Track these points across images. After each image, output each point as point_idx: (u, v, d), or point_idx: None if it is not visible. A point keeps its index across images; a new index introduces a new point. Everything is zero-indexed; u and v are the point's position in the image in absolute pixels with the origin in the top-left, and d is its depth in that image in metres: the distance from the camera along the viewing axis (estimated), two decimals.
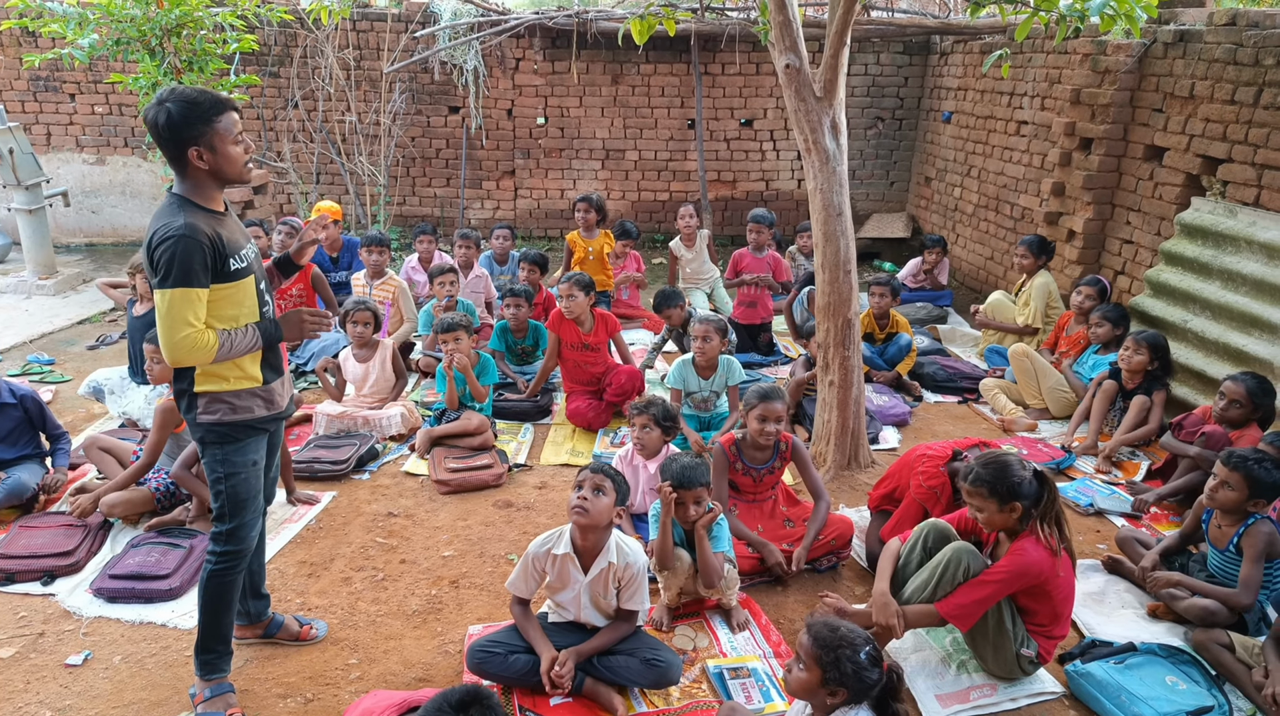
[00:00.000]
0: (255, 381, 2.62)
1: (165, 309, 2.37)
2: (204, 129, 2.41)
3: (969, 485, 2.76)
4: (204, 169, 2.46)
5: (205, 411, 2.57)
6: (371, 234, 5.97)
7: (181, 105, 2.38)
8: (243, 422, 2.61)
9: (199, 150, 2.42)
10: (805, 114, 4.04)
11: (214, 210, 2.52)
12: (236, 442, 2.62)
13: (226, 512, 2.66)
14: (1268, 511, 3.18)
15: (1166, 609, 3.22)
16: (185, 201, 2.47)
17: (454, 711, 1.97)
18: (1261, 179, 4.65)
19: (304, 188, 8.90)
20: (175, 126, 2.39)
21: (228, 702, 2.69)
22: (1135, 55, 5.51)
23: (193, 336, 2.39)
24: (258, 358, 2.63)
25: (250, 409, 2.62)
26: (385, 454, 4.54)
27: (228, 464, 2.62)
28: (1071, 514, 3.99)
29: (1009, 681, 2.87)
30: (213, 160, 2.45)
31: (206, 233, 2.41)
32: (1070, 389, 5.03)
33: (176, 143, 2.41)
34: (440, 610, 3.26)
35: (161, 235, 2.38)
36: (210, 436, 2.59)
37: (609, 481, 2.78)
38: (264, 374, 2.65)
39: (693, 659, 3.01)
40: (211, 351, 2.44)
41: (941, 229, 8.36)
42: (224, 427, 2.58)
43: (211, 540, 2.70)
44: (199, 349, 2.41)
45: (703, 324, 4.61)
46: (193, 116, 2.39)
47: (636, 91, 8.84)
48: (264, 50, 8.42)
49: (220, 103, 2.45)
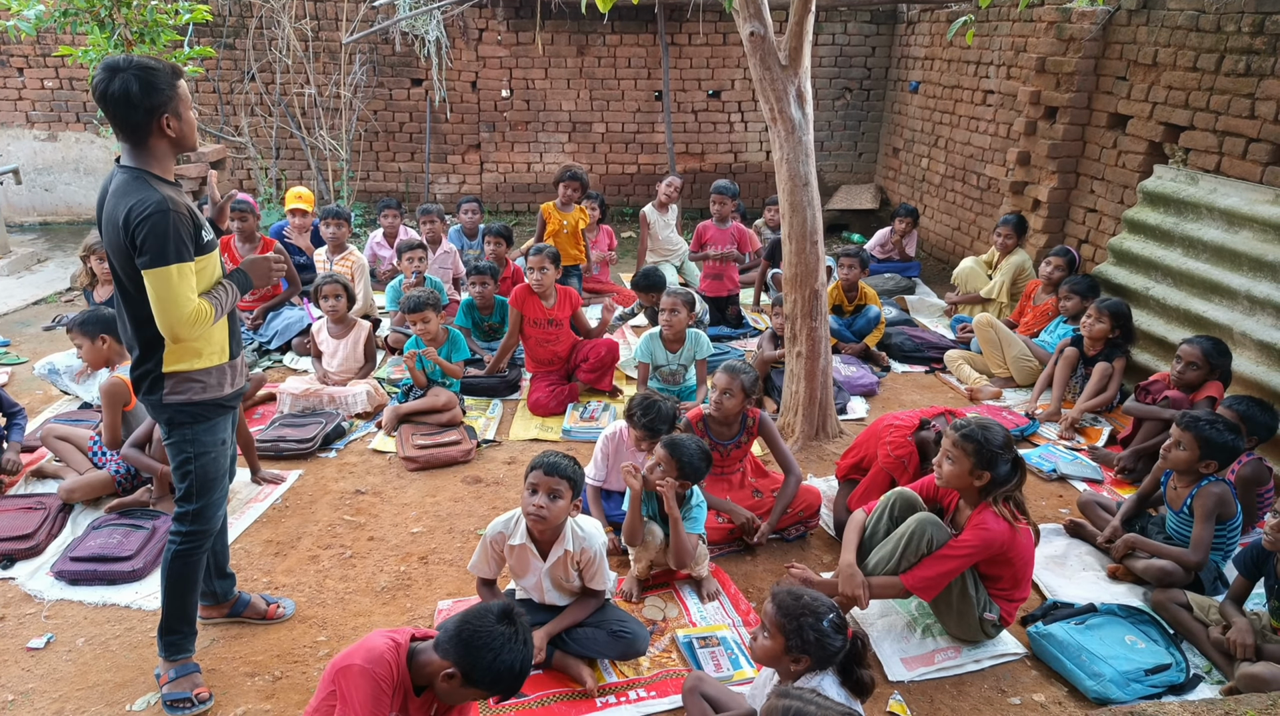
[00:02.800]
0: (225, 356, 2.58)
1: (166, 287, 2.30)
2: (170, 94, 2.35)
3: (958, 436, 2.77)
4: (170, 137, 2.38)
5: (174, 391, 2.50)
6: (330, 207, 5.89)
7: (145, 71, 2.30)
8: (213, 401, 2.56)
9: (168, 117, 2.35)
10: (770, 83, 4.01)
11: (171, 181, 2.45)
12: (207, 421, 2.57)
13: (194, 492, 2.61)
14: (1225, 474, 3.25)
15: (1126, 570, 3.30)
16: (148, 173, 2.38)
17: (497, 621, 2.05)
18: (1222, 146, 4.70)
19: (264, 163, 8.71)
20: (146, 92, 2.29)
21: (194, 682, 2.66)
22: (1100, 23, 5.53)
23: (195, 309, 2.35)
24: (226, 330, 2.58)
25: (220, 385, 2.57)
26: (352, 431, 4.49)
27: (198, 443, 2.56)
28: (1034, 479, 4.06)
29: (972, 644, 2.92)
30: (179, 127, 2.39)
31: (182, 204, 2.36)
32: (1034, 357, 5.10)
33: (148, 110, 2.31)
34: (409, 586, 3.25)
35: (142, 212, 2.27)
36: (181, 416, 2.52)
37: (564, 482, 2.64)
38: (231, 347, 2.61)
39: (662, 629, 3.03)
40: (211, 316, 2.41)
41: (909, 199, 8.39)
42: (195, 407, 2.52)
43: (175, 520, 2.65)
44: (203, 319, 2.38)
45: (670, 297, 4.59)
46: (159, 82, 2.32)
47: (603, 63, 8.72)
48: (218, 21, 8.18)
49: (176, 68, 2.40)
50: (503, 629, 2.04)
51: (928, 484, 3.06)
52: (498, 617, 2.06)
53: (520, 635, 2.06)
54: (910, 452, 3.46)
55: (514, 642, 2.04)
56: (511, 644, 2.03)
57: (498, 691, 2.09)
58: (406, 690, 2.09)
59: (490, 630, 2.03)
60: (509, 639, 2.03)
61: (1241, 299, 4.33)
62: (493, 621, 2.05)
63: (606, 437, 3.64)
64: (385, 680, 2.01)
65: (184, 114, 2.40)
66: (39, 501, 3.62)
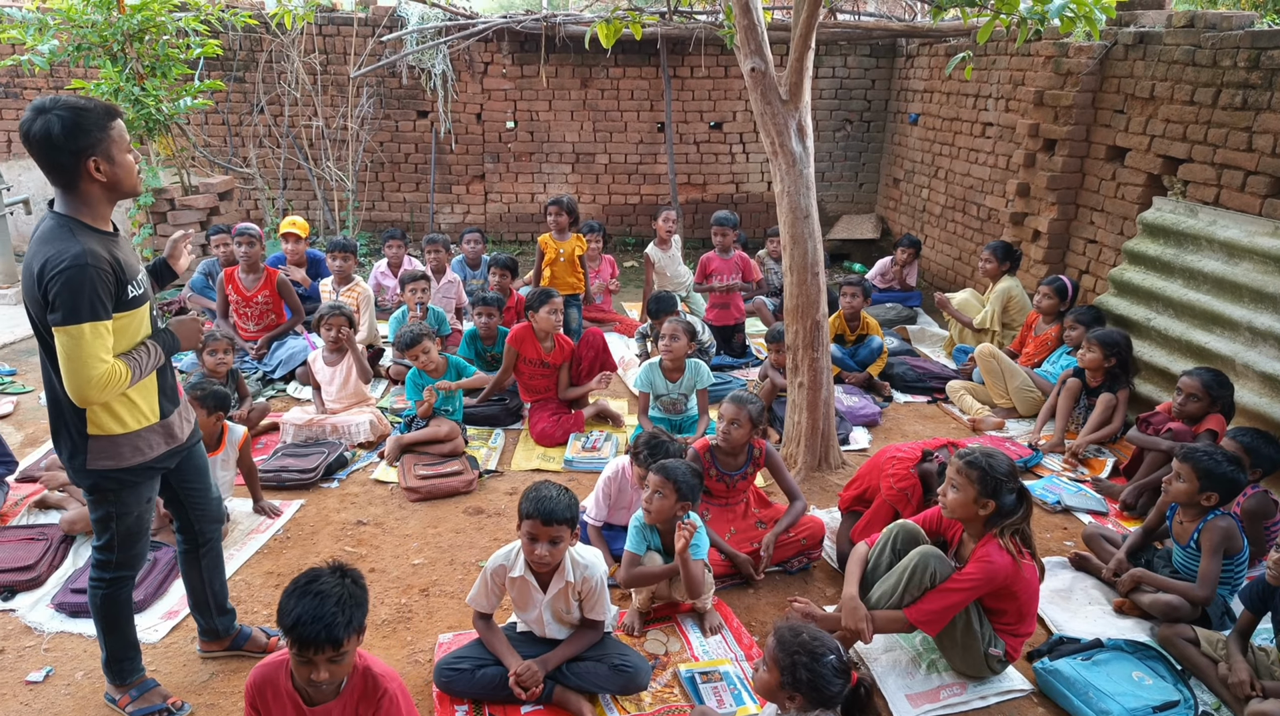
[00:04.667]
0: (154, 417, 2.43)
1: (75, 347, 2.14)
2: (100, 136, 2.19)
3: (963, 464, 2.76)
4: (101, 182, 2.23)
5: (98, 457, 2.34)
6: (336, 240, 5.92)
7: (72, 112, 2.15)
8: (141, 466, 2.40)
9: (97, 160, 2.19)
10: (771, 117, 4.06)
11: (107, 232, 2.29)
12: (132, 486, 2.43)
13: (115, 546, 2.49)
14: (1231, 507, 3.24)
15: (1133, 605, 3.26)
16: (75, 222, 2.21)
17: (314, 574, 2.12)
18: (1221, 178, 4.74)
19: (270, 193, 8.80)
20: (70, 134, 2.14)
21: (161, 695, 2.66)
22: (1096, 57, 5.60)
23: (106, 372, 2.19)
24: (154, 389, 2.43)
25: (149, 447, 2.42)
26: (354, 462, 4.49)
27: (121, 505, 2.44)
28: (1038, 511, 4.04)
29: (978, 680, 2.89)
30: (110, 171, 2.23)
31: (105, 257, 2.19)
32: (1036, 388, 5.10)
33: (72, 153, 2.16)
34: (410, 619, 3.23)
35: (57, 265, 2.12)
36: (105, 482, 2.38)
37: (565, 528, 2.61)
38: (162, 406, 2.46)
39: (664, 663, 3.00)
40: (125, 380, 2.25)
41: (909, 229, 8.44)
42: (121, 473, 2.38)
43: (97, 567, 2.54)
44: (115, 382, 2.22)
45: (671, 323, 4.61)
46: (86, 123, 2.16)
47: (606, 95, 8.83)
48: (229, 55, 8.32)
49: (110, 109, 2.25)
50: (305, 578, 2.10)
51: (931, 516, 3.05)
52: (311, 571, 2.13)
53: (323, 579, 2.08)
54: (913, 485, 3.45)
55: (300, 588, 2.06)
56: (297, 587, 2.07)
57: (294, 640, 2.04)
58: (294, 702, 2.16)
59: (297, 578, 2.11)
60: (297, 585, 2.08)
61: (1243, 330, 4.34)
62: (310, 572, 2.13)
63: (608, 478, 3.62)
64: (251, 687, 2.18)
65: (117, 157, 2.24)
66: (40, 532, 3.62)
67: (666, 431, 3.58)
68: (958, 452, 2.86)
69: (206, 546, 2.84)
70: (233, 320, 5.77)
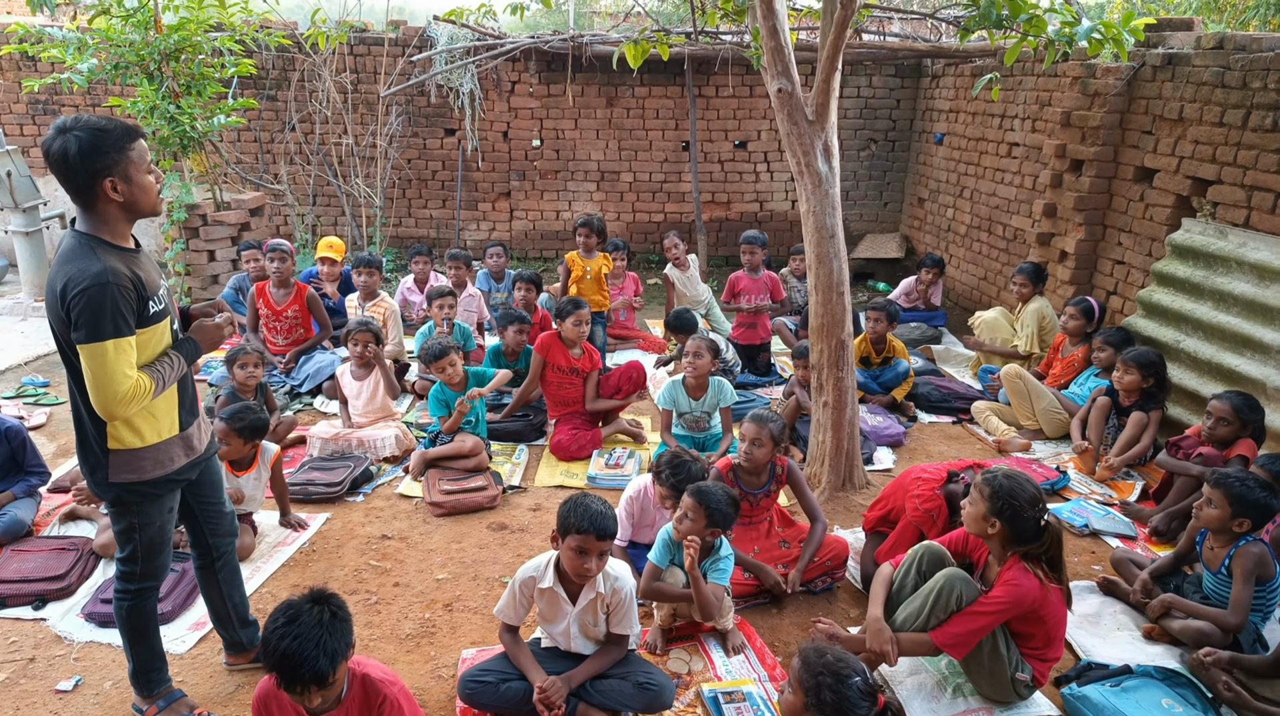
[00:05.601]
0: (174, 429, 2.47)
1: (99, 365, 2.18)
2: (117, 157, 2.22)
3: (982, 479, 2.77)
4: (118, 201, 2.26)
5: (120, 471, 2.38)
6: (362, 256, 6.00)
7: (91, 133, 2.19)
8: (163, 478, 2.44)
9: (114, 181, 2.23)
10: (798, 138, 4.08)
11: (128, 249, 2.33)
12: (155, 498, 2.47)
13: (138, 558, 2.54)
14: (1260, 533, 3.18)
15: (1162, 631, 3.22)
16: (96, 240, 2.25)
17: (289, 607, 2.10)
18: (1251, 200, 4.69)
19: (300, 210, 8.94)
20: (87, 155, 2.18)
21: (189, 705, 2.69)
22: (1124, 78, 5.57)
23: (132, 387, 2.23)
24: (174, 402, 2.47)
25: (170, 460, 2.46)
26: (379, 476, 4.53)
27: (143, 516, 2.47)
28: (1066, 535, 3.98)
29: (1004, 705, 2.85)
30: (128, 191, 2.26)
31: (126, 274, 2.23)
32: (1063, 410, 5.05)
33: (89, 173, 2.20)
34: (434, 634, 3.24)
35: (80, 283, 2.16)
36: (128, 496, 2.42)
37: (611, 542, 2.65)
38: (182, 418, 2.50)
39: (687, 682, 2.99)
40: (149, 394, 2.28)
41: (935, 249, 8.41)
42: (143, 486, 2.42)
43: (121, 578, 2.58)
44: (140, 396, 2.26)
45: (695, 341, 4.62)
46: (104, 144, 2.20)
47: (631, 114, 8.91)
48: (262, 74, 8.49)
49: (130, 130, 2.29)
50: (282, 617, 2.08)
51: (957, 537, 3.03)
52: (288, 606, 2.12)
53: (301, 619, 2.06)
54: (939, 506, 3.43)
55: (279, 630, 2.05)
56: (276, 627, 2.06)
57: (283, 679, 2.06)
58: None
59: (275, 614, 2.09)
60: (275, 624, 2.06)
61: (1274, 353, 4.28)
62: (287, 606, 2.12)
63: (630, 498, 3.63)
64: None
65: (135, 178, 2.26)
66: (71, 542, 3.67)
67: (689, 450, 3.58)
68: (984, 472, 2.85)
69: (222, 560, 2.86)
70: (262, 334, 5.86)
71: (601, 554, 2.65)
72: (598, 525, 2.60)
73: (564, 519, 2.65)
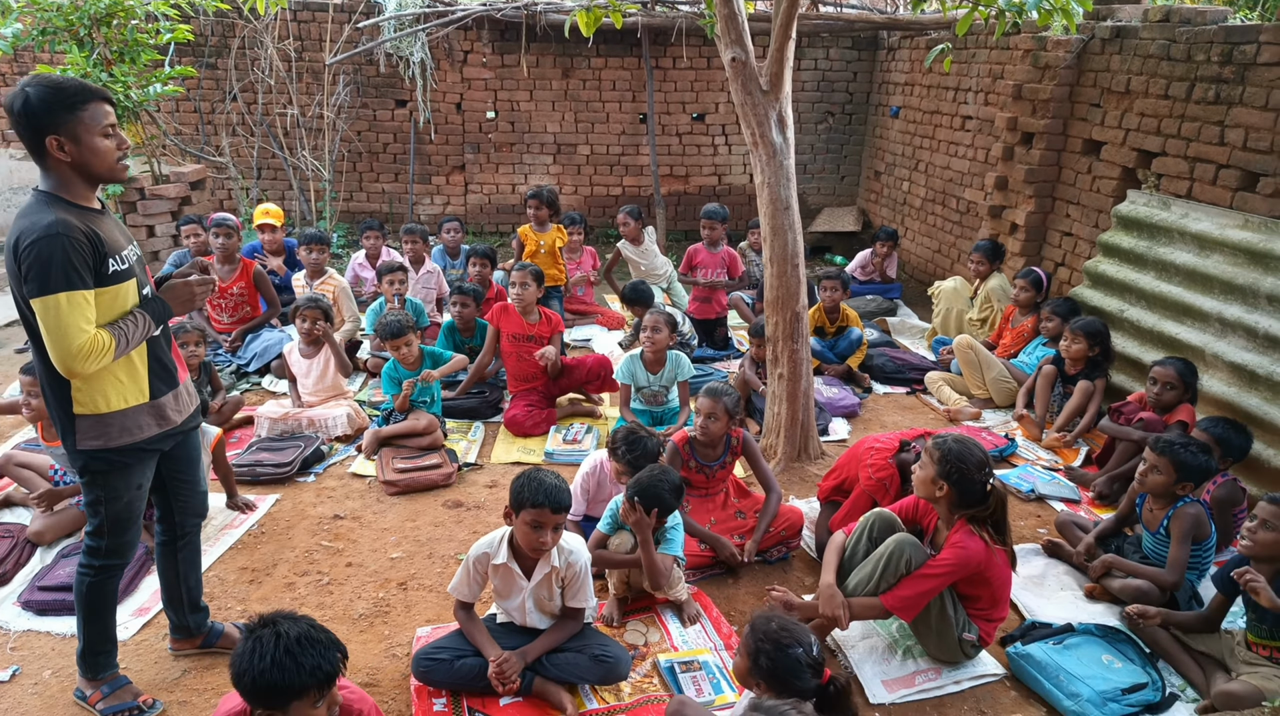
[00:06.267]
0: (143, 396, 2.41)
1: (53, 318, 2.15)
2: (65, 117, 2.20)
3: (933, 443, 2.82)
4: (65, 161, 2.24)
5: (86, 436, 2.34)
6: (310, 232, 5.85)
7: (44, 89, 2.18)
8: (131, 446, 2.40)
9: (59, 139, 2.21)
10: (752, 108, 4.05)
11: (88, 208, 2.30)
12: (122, 468, 2.42)
13: (105, 532, 2.49)
14: (1200, 495, 3.29)
15: (1104, 590, 3.31)
16: (52, 197, 2.25)
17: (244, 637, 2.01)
18: (1193, 172, 4.79)
19: (244, 183, 8.68)
20: (34, 113, 2.17)
21: (133, 692, 2.64)
22: (1074, 51, 5.63)
23: (88, 341, 2.19)
24: (143, 368, 2.41)
25: (139, 428, 2.41)
26: (331, 455, 4.45)
27: (109, 488, 2.43)
28: (1013, 500, 4.08)
29: (952, 665, 2.92)
30: (75, 152, 2.23)
31: (80, 229, 2.19)
32: (1012, 379, 5.15)
33: (34, 130, 2.19)
34: (388, 613, 3.21)
35: (31, 236, 2.14)
36: (94, 463, 2.38)
37: (565, 514, 2.66)
38: (152, 386, 2.43)
39: (644, 653, 3.01)
40: (110, 351, 2.24)
41: (891, 222, 8.48)
42: (109, 453, 2.38)
43: (87, 552, 2.53)
44: (98, 352, 2.21)
45: (652, 315, 4.60)
46: (55, 102, 2.18)
47: (587, 85, 8.79)
48: (200, 41, 8.18)
49: (87, 90, 2.24)
50: (243, 645, 1.99)
51: (907, 505, 3.08)
52: (245, 633, 2.02)
53: (256, 644, 1.97)
54: (891, 475, 3.48)
55: (245, 655, 1.98)
56: (244, 657, 1.97)
57: (258, 704, 2.01)
58: None
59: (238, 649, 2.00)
60: (242, 652, 1.98)
61: (1213, 321, 4.40)
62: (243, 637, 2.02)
63: (586, 473, 3.62)
64: None
65: (85, 139, 2.22)
66: (6, 530, 3.56)
67: (645, 426, 3.58)
68: (934, 439, 2.89)
69: (185, 539, 2.81)
70: (206, 312, 5.69)
71: (556, 527, 2.64)
72: (553, 498, 2.59)
73: (517, 493, 2.63)
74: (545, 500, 2.58)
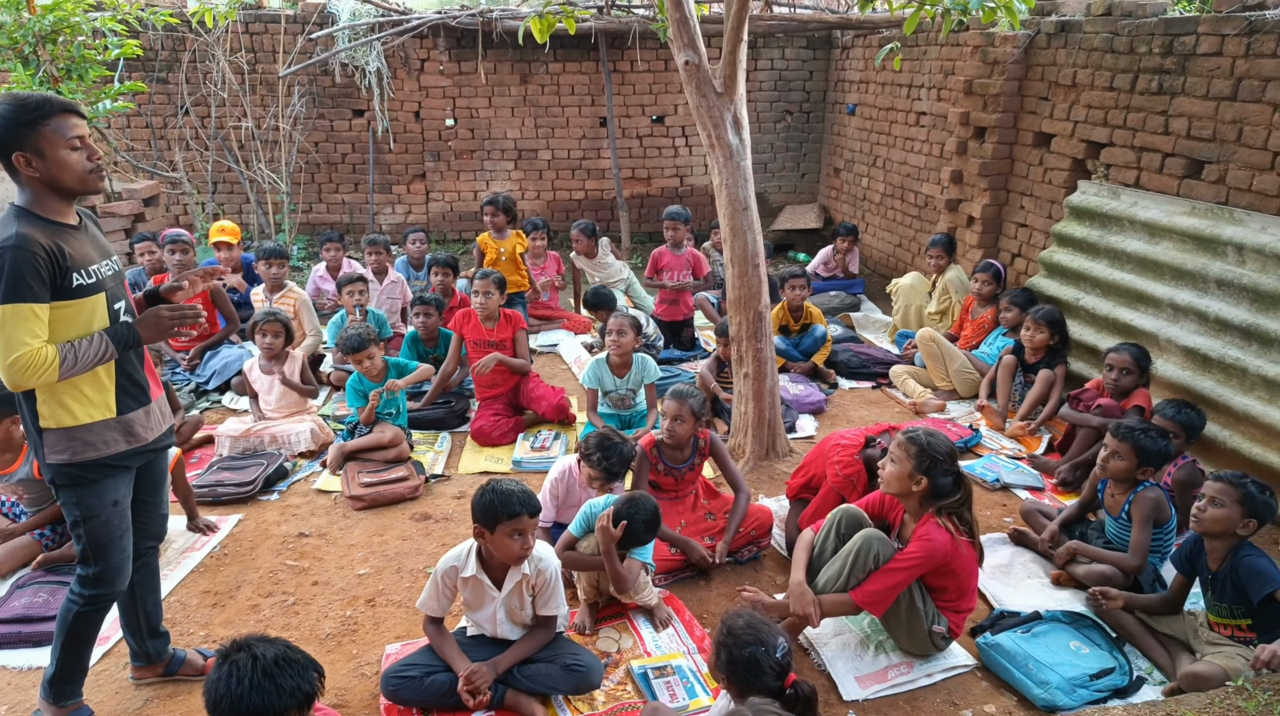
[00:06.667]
0: (108, 412, 2.40)
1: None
2: (28, 133, 2.20)
3: (904, 438, 2.83)
4: (35, 176, 2.25)
5: (53, 450, 2.35)
6: (268, 246, 5.76)
7: (6, 107, 2.19)
8: (96, 461, 2.39)
9: (25, 156, 2.22)
10: (707, 110, 4.06)
11: (60, 222, 2.31)
12: (91, 484, 2.40)
13: (89, 556, 2.47)
14: (1161, 478, 3.35)
15: (1069, 576, 3.36)
16: (23, 212, 2.27)
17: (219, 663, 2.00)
18: (1140, 161, 4.89)
19: (200, 198, 8.53)
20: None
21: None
22: (1021, 46, 5.73)
23: (29, 355, 2.18)
24: (110, 384, 2.40)
25: (104, 444, 2.40)
26: (295, 472, 4.38)
27: (83, 506, 2.41)
28: (979, 490, 4.13)
29: (924, 658, 2.94)
30: (43, 167, 2.24)
31: (43, 244, 2.20)
32: (975, 369, 5.22)
33: (1, 147, 2.21)
34: (355, 631, 3.16)
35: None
36: (61, 478, 2.38)
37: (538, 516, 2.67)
38: (119, 402, 2.42)
39: (617, 661, 2.99)
40: (53, 367, 2.22)
41: (851, 218, 8.56)
42: (75, 468, 2.37)
43: (77, 581, 2.51)
44: (37, 366, 2.20)
45: (616, 318, 4.60)
46: (17, 119, 2.19)
47: (546, 90, 8.76)
48: (150, 55, 8.03)
49: (50, 103, 2.24)
50: (217, 671, 1.98)
51: (874, 500, 3.10)
52: (220, 659, 2.00)
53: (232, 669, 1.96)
54: (858, 471, 3.50)
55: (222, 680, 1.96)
56: (220, 682, 1.96)
57: None
58: None
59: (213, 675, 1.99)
60: (217, 677, 1.96)
61: (1165, 307, 4.49)
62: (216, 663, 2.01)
63: (555, 480, 3.58)
64: None
65: (50, 153, 2.23)
66: None
67: (617, 430, 3.57)
68: (904, 431, 2.91)
69: (141, 560, 2.73)
70: None
71: (533, 529, 2.64)
72: (528, 504, 2.60)
73: (488, 509, 2.59)
74: (521, 507, 2.57)
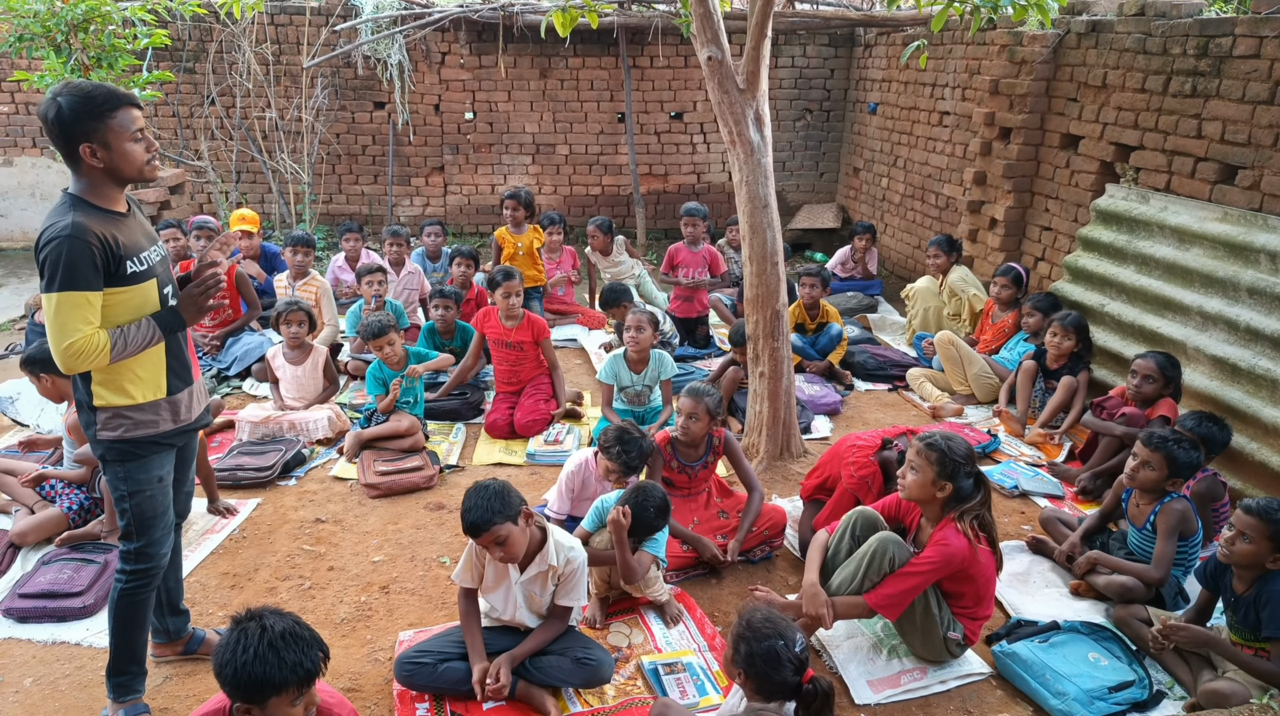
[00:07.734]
0: (160, 392, 2.50)
1: (53, 314, 2.26)
2: (97, 124, 2.29)
3: (923, 445, 2.79)
4: (99, 167, 2.34)
5: (105, 427, 2.44)
6: (296, 234, 5.80)
7: (74, 99, 2.27)
8: (147, 438, 2.48)
9: (91, 147, 2.31)
10: (729, 106, 4.04)
11: (112, 211, 2.39)
12: (139, 459, 2.49)
13: (133, 531, 2.55)
14: (1183, 489, 3.30)
15: (1089, 587, 3.31)
16: (78, 201, 2.34)
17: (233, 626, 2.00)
18: (1171, 165, 4.82)
19: (224, 187, 8.60)
20: (66, 121, 2.27)
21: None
22: (1050, 46, 5.66)
23: (82, 341, 2.27)
24: (161, 365, 2.49)
25: (155, 422, 2.49)
26: (312, 458, 4.41)
27: (131, 481, 2.49)
28: (997, 497, 4.08)
29: (938, 664, 2.92)
30: (107, 158, 2.33)
31: (97, 232, 2.28)
32: (994, 374, 5.17)
33: (68, 138, 2.29)
34: (370, 617, 3.18)
35: (48, 236, 2.26)
36: (111, 454, 2.47)
37: (502, 526, 2.59)
38: (169, 383, 2.52)
39: (628, 655, 2.99)
40: (104, 352, 2.31)
41: (870, 218, 8.50)
42: (125, 444, 2.46)
43: (121, 558, 2.58)
44: (89, 352, 2.28)
45: (635, 315, 4.59)
46: (85, 111, 2.28)
47: (565, 85, 8.76)
48: (178, 45, 8.10)
49: (116, 96, 2.32)
50: (227, 636, 1.97)
51: (890, 503, 3.07)
52: (232, 625, 2.00)
53: (241, 636, 1.95)
54: (874, 473, 3.48)
55: (229, 646, 1.95)
56: (227, 648, 1.95)
57: (238, 697, 1.98)
58: None
59: (223, 640, 1.99)
60: (226, 643, 1.96)
61: (1194, 315, 4.43)
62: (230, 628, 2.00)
63: (571, 473, 3.58)
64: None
65: (115, 144, 2.32)
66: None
67: (636, 425, 3.58)
68: (918, 436, 2.89)
69: None
70: None
71: (497, 542, 2.59)
72: (466, 523, 2.59)
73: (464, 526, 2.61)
74: (464, 528, 2.60)
